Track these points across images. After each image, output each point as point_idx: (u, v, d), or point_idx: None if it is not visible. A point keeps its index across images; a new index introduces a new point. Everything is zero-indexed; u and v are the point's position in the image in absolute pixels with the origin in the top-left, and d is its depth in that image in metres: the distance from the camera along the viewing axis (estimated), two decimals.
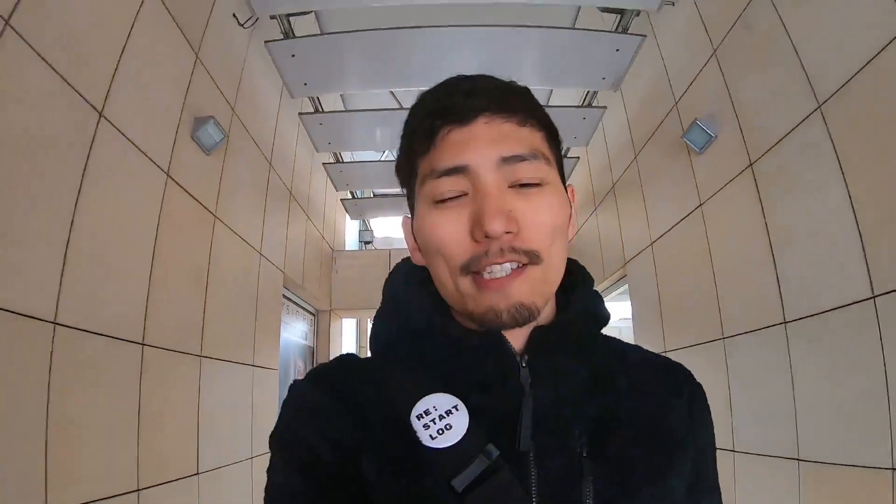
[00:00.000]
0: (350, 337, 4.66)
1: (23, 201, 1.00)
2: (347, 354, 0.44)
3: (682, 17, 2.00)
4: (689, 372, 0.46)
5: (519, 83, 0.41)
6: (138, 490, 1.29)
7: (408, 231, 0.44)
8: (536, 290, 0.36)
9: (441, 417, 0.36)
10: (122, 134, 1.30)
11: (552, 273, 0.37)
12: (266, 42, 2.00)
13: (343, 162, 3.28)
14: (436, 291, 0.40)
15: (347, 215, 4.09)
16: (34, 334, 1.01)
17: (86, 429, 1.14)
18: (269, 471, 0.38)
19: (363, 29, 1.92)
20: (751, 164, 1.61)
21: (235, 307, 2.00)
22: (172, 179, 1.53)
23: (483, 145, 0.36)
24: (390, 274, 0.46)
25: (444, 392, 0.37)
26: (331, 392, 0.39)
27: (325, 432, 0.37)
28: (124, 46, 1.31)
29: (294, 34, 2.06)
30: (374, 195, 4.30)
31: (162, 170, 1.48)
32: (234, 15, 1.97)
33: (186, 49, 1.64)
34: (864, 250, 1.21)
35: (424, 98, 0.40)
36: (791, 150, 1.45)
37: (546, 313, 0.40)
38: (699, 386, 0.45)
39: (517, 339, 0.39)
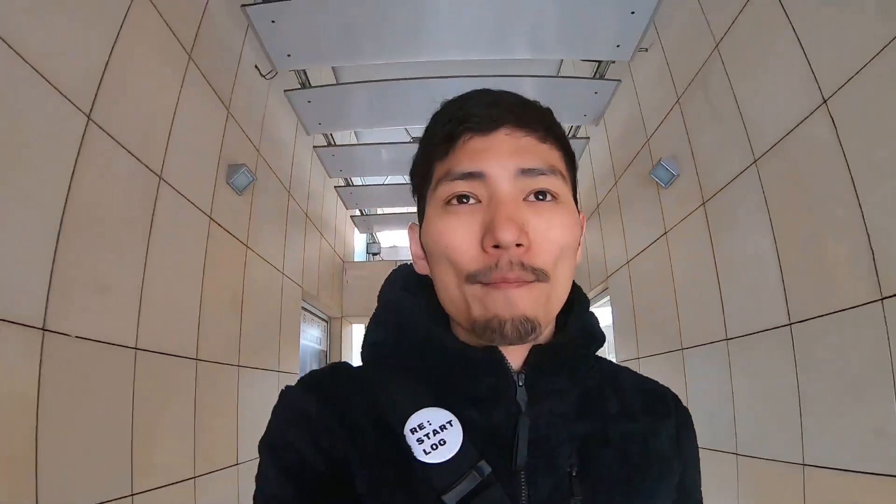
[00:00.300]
0: (359, 341, 4.98)
1: (109, 256, 1.30)
2: (341, 363, 0.44)
3: (654, 63, 2.24)
4: (677, 396, 0.46)
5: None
6: (195, 477, 1.61)
7: (414, 239, 0.43)
8: (540, 306, 0.35)
9: (435, 432, 0.36)
10: (176, 190, 1.60)
11: (557, 292, 0.37)
12: (285, 91, 2.28)
13: (353, 185, 3.58)
14: (436, 302, 0.39)
15: (356, 229, 4.40)
16: (122, 358, 1.32)
17: (158, 429, 1.46)
18: (259, 478, 0.37)
19: (371, 80, 2.19)
20: (703, 203, 1.87)
21: (264, 322, 2.31)
22: (214, 221, 1.83)
23: (503, 155, 0.36)
24: (387, 280, 0.46)
25: (439, 406, 0.37)
26: (323, 400, 0.38)
27: (318, 441, 0.36)
28: (174, 117, 1.60)
29: (310, 83, 2.35)
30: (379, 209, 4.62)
31: (206, 214, 1.79)
32: (255, 66, 2.25)
33: (220, 107, 1.93)
34: (783, 286, 1.47)
35: (448, 106, 0.40)
36: (733, 196, 1.70)
37: (545, 334, 0.40)
38: (686, 410, 0.46)
39: (514, 357, 0.38)
